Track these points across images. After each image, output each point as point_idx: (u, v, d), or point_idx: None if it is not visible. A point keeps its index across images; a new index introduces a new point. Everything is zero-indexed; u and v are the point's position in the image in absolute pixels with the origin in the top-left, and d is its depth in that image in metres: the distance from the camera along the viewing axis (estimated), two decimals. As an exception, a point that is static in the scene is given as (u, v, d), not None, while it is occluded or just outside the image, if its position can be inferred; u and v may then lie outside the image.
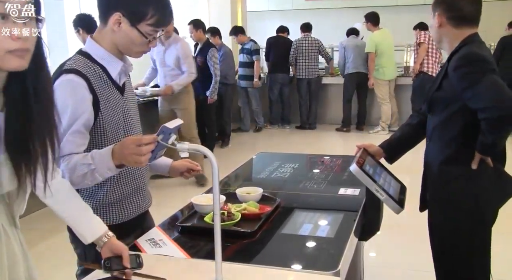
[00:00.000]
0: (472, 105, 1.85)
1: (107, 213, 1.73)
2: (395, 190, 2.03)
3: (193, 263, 1.55)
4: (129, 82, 1.79)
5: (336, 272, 1.43)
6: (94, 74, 1.60)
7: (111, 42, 1.62)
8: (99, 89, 1.61)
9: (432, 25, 2.03)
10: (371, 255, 3.45)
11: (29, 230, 4.10)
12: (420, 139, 2.25)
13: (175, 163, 1.93)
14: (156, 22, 1.58)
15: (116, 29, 1.58)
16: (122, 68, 1.68)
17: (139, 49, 1.64)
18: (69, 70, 1.57)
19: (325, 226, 1.80)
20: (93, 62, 1.62)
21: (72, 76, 1.56)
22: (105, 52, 1.63)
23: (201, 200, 1.92)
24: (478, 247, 2.00)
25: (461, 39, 1.95)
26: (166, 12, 1.61)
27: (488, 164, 1.94)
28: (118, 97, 1.68)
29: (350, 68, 7.70)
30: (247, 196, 2.00)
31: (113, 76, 1.65)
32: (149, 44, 1.63)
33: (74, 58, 1.63)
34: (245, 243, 1.68)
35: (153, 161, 1.52)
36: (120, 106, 1.69)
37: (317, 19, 9.05)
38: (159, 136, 1.39)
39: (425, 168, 2.14)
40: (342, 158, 2.75)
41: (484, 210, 1.98)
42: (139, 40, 1.60)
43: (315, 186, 2.28)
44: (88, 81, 1.57)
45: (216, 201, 1.34)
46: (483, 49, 1.95)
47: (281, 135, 8.05)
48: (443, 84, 1.97)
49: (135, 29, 1.57)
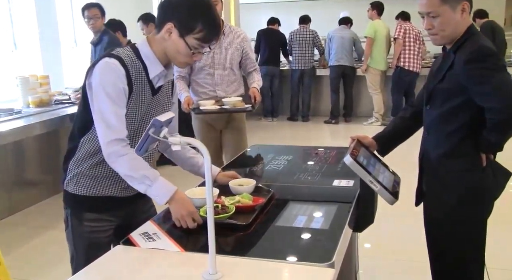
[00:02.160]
0: (480, 102, 1.83)
1: None
2: (389, 181, 2.03)
3: (187, 257, 1.54)
4: (167, 88, 1.91)
5: (330, 263, 1.43)
6: (134, 67, 1.73)
7: (160, 47, 1.76)
8: (135, 81, 1.73)
9: (448, 17, 1.86)
10: (366, 246, 3.46)
11: (23, 226, 4.10)
12: (413, 132, 2.25)
13: None
14: (203, 37, 1.70)
15: (166, 37, 1.72)
16: (162, 72, 1.80)
17: (183, 60, 1.76)
18: (114, 55, 1.71)
19: (319, 218, 1.80)
20: (138, 58, 1.75)
21: (114, 61, 1.69)
22: (151, 53, 1.76)
23: (194, 192, 1.91)
24: (475, 239, 2.00)
25: (465, 27, 1.89)
26: (213, 31, 1.74)
27: (488, 157, 1.94)
28: (149, 95, 1.80)
29: (333, 60, 7.79)
30: (239, 188, 2.00)
31: (150, 76, 1.77)
32: (193, 56, 1.75)
33: (124, 49, 1.77)
34: (239, 235, 1.67)
35: (143, 155, 1.52)
36: (147, 103, 1.80)
37: (311, 10, 9.01)
38: (150, 129, 1.39)
39: (422, 161, 2.12)
40: (336, 150, 2.75)
41: (484, 202, 1.98)
42: (184, 51, 1.72)
43: (309, 178, 2.28)
44: (127, 70, 1.70)
45: (209, 194, 1.33)
46: (487, 40, 1.91)
47: (273, 127, 8.06)
48: (447, 76, 1.92)
49: (182, 40, 1.70)
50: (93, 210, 1.86)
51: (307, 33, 7.91)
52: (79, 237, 1.87)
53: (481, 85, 1.81)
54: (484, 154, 1.93)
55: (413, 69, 7.23)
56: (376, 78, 7.58)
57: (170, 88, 1.94)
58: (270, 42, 7.97)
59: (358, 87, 7.96)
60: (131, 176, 1.72)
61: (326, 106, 8.29)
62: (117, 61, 1.69)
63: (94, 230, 1.86)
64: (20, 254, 3.52)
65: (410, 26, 7.24)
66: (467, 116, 1.90)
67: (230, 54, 3.44)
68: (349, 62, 7.73)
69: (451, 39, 1.91)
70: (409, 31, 7.20)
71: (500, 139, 1.87)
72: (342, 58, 7.67)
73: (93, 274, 1.47)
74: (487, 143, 1.88)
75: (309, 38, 7.91)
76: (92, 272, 1.48)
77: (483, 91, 1.81)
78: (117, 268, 1.49)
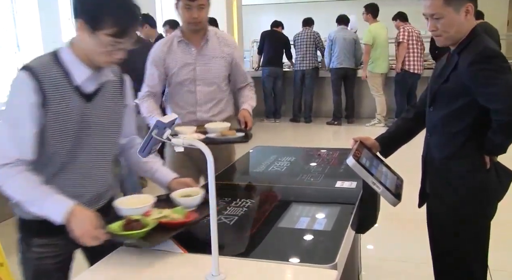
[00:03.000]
0: (485, 103, 1.82)
1: None
2: (392, 182, 2.03)
3: (190, 258, 1.54)
4: (112, 90, 1.74)
5: (333, 265, 1.43)
6: (51, 76, 1.57)
7: (81, 49, 1.60)
8: (51, 92, 1.57)
9: (452, 19, 1.86)
10: (369, 248, 3.46)
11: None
12: (416, 133, 2.25)
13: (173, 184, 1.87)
14: (114, 33, 1.53)
15: (80, 36, 1.57)
16: (91, 76, 1.64)
17: (102, 59, 1.60)
18: (26, 67, 1.57)
19: (322, 219, 1.80)
20: (57, 64, 1.60)
21: (23, 74, 1.55)
22: (74, 57, 1.61)
23: (122, 202, 1.67)
24: (478, 240, 2.00)
25: (470, 29, 1.89)
26: (125, 23, 1.55)
27: (492, 159, 1.94)
28: (80, 103, 1.63)
29: (335, 63, 7.78)
30: (180, 199, 1.74)
31: (78, 81, 1.61)
32: (112, 54, 1.59)
33: (42, 56, 1.63)
34: (242, 237, 1.67)
35: (147, 156, 1.52)
36: (80, 111, 1.63)
37: (313, 12, 9.02)
38: (154, 130, 1.39)
39: (426, 163, 2.12)
40: (339, 151, 2.75)
41: (488, 204, 1.98)
42: (99, 50, 1.56)
43: (312, 180, 2.28)
44: (39, 82, 1.54)
45: (212, 197, 1.33)
46: (492, 42, 1.91)
47: (275, 128, 8.06)
48: (451, 77, 1.92)
49: (94, 38, 1.54)
50: (41, 235, 1.68)
51: (310, 35, 7.93)
52: (26, 264, 1.74)
53: (487, 87, 1.81)
54: (488, 155, 1.93)
55: (417, 71, 7.25)
56: (377, 80, 7.58)
57: (118, 89, 1.76)
58: (274, 43, 7.99)
59: (360, 89, 7.96)
60: (20, 199, 1.55)
61: (329, 107, 8.29)
62: (27, 74, 1.54)
63: (41, 256, 1.70)
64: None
65: (412, 28, 7.25)
66: (470, 117, 1.90)
67: (215, 66, 2.69)
68: (351, 64, 7.74)
69: (455, 40, 1.91)
70: (412, 33, 7.20)
71: (505, 141, 1.86)
72: (344, 60, 7.68)
73: (97, 275, 1.48)
74: (491, 144, 1.88)
75: (311, 39, 7.92)
76: (96, 273, 1.48)
77: (488, 93, 1.81)
78: (120, 270, 1.49)
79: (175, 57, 2.64)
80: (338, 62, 7.71)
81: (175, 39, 2.66)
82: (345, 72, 7.75)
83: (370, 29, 7.44)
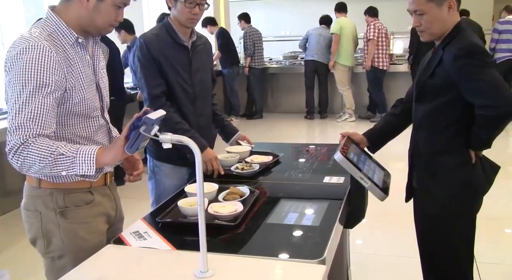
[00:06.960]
0: (470, 99, 1.84)
1: None
2: (380, 177, 2.04)
3: (178, 255, 1.54)
4: None
5: (321, 260, 1.44)
6: None
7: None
8: None
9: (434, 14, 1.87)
10: (357, 243, 3.48)
11: (16, 226, 4.06)
12: (403, 128, 2.26)
13: None
14: None
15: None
16: None
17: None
18: None
19: (310, 215, 1.80)
20: None
21: None
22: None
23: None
24: (466, 233, 2.02)
25: (453, 24, 1.91)
26: None
27: (477, 153, 1.96)
28: None
29: (307, 56, 7.91)
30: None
31: None
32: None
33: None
34: (230, 233, 1.67)
35: (134, 153, 1.50)
36: None
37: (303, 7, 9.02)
38: (142, 127, 1.38)
39: (412, 158, 2.13)
40: (327, 147, 2.75)
41: (474, 198, 2.00)
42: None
43: (300, 175, 2.28)
44: None
45: (199, 192, 1.33)
46: (476, 37, 1.93)
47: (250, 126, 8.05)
48: (436, 71, 1.93)
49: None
50: None
51: None
52: None
53: (471, 82, 1.83)
54: (473, 150, 1.95)
55: (385, 67, 7.45)
56: (344, 75, 7.71)
57: None
58: None
59: (333, 84, 7.98)
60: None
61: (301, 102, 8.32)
62: None
63: None
64: (12, 254, 3.49)
65: (381, 25, 7.42)
66: (456, 112, 1.92)
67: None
68: (322, 59, 7.82)
69: (439, 36, 1.93)
70: (381, 30, 7.37)
71: (489, 135, 1.88)
72: (316, 53, 7.79)
73: (85, 274, 1.46)
74: (477, 139, 1.89)
75: None
76: (84, 272, 1.47)
77: (473, 88, 1.83)
78: (109, 267, 1.48)
79: None
80: (310, 55, 7.85)
81: None
82: (316, 65, 7.84)
83: (338, 21, 7.64)
